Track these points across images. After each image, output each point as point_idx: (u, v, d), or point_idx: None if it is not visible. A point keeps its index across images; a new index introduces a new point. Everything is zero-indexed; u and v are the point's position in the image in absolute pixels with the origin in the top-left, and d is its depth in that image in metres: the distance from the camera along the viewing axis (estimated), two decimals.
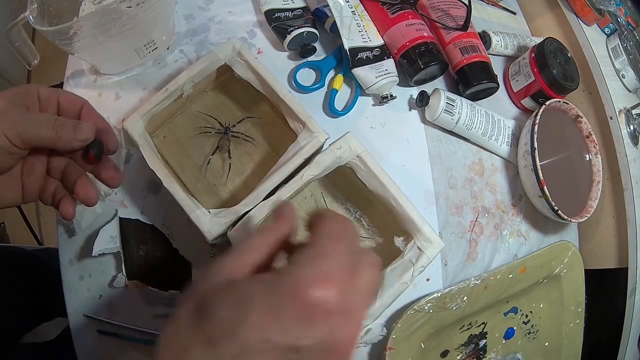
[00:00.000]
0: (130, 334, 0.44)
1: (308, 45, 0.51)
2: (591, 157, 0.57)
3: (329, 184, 0.47)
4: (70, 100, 0.34)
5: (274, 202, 0.39)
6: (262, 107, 0.49)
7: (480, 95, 0.56)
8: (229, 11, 0.53)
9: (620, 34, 0.62)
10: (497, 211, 0.54)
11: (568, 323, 0.56)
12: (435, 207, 0.51)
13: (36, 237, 1.19)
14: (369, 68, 0.50)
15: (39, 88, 0.33)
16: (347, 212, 0.47)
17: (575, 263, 0.56)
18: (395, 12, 0.52)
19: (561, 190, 0.51)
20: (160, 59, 0.50)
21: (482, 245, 0.52)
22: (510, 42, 0.61)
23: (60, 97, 0.34)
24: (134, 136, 0.40)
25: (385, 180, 0.40)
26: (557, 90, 0.55)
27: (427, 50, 0.50)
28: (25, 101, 0.32)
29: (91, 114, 0.35)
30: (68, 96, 0.35)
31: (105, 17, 0.39)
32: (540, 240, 0.56)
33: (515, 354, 0.54)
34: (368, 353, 0.47)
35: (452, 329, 0.50)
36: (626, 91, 0.61)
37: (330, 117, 0.51)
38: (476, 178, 0.54)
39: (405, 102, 0.54)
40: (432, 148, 0.53)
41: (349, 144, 0.40)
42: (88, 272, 0.45)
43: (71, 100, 0.34)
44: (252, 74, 0.43)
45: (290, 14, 0.50)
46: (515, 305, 0.54)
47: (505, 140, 0.55)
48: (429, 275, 0.49)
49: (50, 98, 0.34)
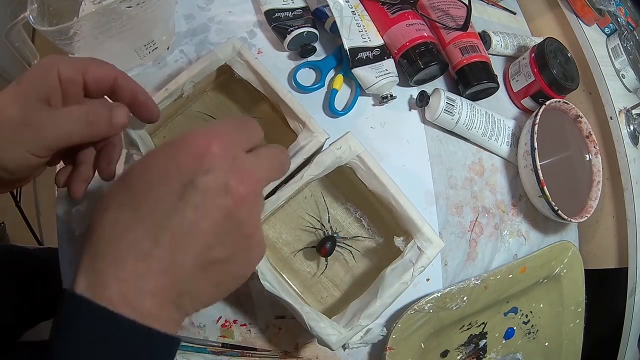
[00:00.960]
0: None
1: (308, 45, 0.51)
2: (591, 157, 0.57)
3: (329, 184, 0.47)
4: (98, 77, 0.31)
5: (273, 202, 0.39)
6: (262, 107, 0.49)
7: (480, 95, 0.56)
8: (229, 11, 0.53)
9: (620, 34, 0.62)
10: (497, 211, 0.54)
11: (568, 323, 0.56)
12: (435, 207, 0.51)
13: (36, 237, 1.19)
14: (369, 68, 0.50)
15: (59, 68, 0.29)
16: (347, 212, 0.47)
17: (575, 263, 0.56)
18: (395, 12, 0.52)
19: (561, 190, 0.51)
20: (160, 59, 0.50)
21: (482, 245, 0.52)
22: (510, 42, 0.61)
23: (87, 75, 0.30)
24: (134, 136, 0.40)
25: (385, 180, 0.40)
26: (557, 90, 0.55)
27: (427, 50, 0.50)
28: (46, 93, 0.29)
29: (127, 87, 0.31)
30: (96, 72, 0.30)
31: (105, 17, 0.39)
32: (540, 240, 0.56)
33: (515, 354, 0.54)
34: (368, 353, 0.47)
35: (452, 329, 0.50)
36: (626, 91, 0.61)
37: (330, 117, 0.51)
38: (476, 178, 0.54)
39: (405, 102, 0.54)
40: (432, 148, 0.53)
41: (349, 144, 0.40)
42: None
43: (100, 78, 0.31)
44: (252, 74, 0.43)
45: (290, 14, 0.50)
46: (515, 305, 0.54)
47: (505, 140, 0.55)
48: (429, 275, 0.49)
49: (75, 77, 0.30)
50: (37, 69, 0.29)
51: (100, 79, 0.31)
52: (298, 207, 0.46)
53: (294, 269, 0.45)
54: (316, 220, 0.46)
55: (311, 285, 0.45)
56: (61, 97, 0.30)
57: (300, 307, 0.37)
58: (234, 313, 0.45)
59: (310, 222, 0.46)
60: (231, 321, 0.45)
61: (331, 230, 0.46)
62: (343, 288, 0.46)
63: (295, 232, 0.46)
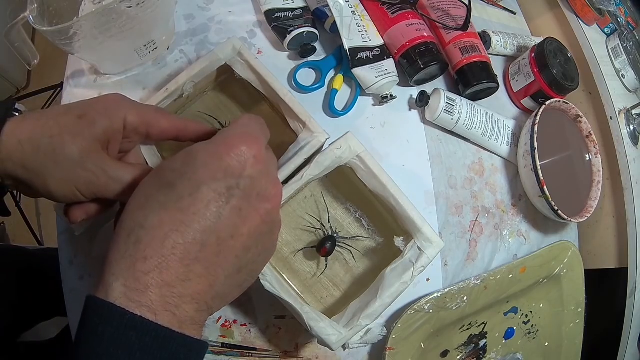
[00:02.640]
0: None
1: (308, 45, 0.51)
2: (591, 157, 0.57)
3: (329, 184, 0.47)
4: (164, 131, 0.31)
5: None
6: (262, 107, 0.49)
7: (480, 95, 0.56)
8: (229, 11, 0.53)
9: (620, 34, 0.62)
10: (497, 211, 0.54)
11: (568, 323, 0.56)
12: (435, 207, 0.51)
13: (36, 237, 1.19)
14: (369, 68, 0.50)
15: (127, 115, 0.29)
16: (347, 212, 0.47)
17: (575, 263, 0.56)
18: (395, 12, 0.52)
19: (561, 190, 0.51)
20: (160, 59, 0.50)
21: (482, 245, 0.52)
22: (510, 42, 0.61)
23: (152, 128, 0.30)
24: None
25: (385, 180, 0.40)
26: (557, 90, 0.55)
27: (427, 50, 0.50)
28: (108, 137, 0.29)
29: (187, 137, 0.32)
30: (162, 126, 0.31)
31: (105, 17, 0.39)
32: (540, 240, 0.56)
33: (515, 354, 0.54)
34: (368, 353, 0.47)
35: (452, 329, 0.50)
36: (626, 91, 0.61)
37: (330, 117, 0.51)
38: (476, 178, 0.54)
39: (405, 102, 0.54)
40: (432, 148, 0.53)
41: (349, 144, 0.40)
42: (88, 272, 0.45)
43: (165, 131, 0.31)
44: (252, 74, 0.43)
45: (290, 14, 0.50)
46: (515, 305, 0.54)
47: (505, 140, 0.55)
48: (429, 275, 0.49)
49: (140, 128, 0.30)
50: (104, 109, 0.29)
51: (165, 132, 0.31)
52: (298, 207, 0.46)
53: (294, 269, 0.45)
54: (316, 220, 0.46)
55: (311, 285, 0.45)
56: (120, 143, 0.30)
57: (300, 307, 0.37)
58: (234, 313, 0.45)
59: (310, 222, 0.46)
60: (231, 321, 0.45)
61: (331, 230, 0.46)
62: (343, 288, 0.46)
63: (295, 232, 0.46)
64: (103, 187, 0.28)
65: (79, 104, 0.29)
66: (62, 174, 0.27)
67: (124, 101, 0.30)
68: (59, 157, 0.27)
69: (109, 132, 0.28)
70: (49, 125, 0.27)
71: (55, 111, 0.28)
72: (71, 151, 0.27)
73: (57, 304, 0.45)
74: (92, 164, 0.27)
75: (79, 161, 0.27)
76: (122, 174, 0.28)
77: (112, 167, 0.28)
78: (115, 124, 0.29)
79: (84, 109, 0.28)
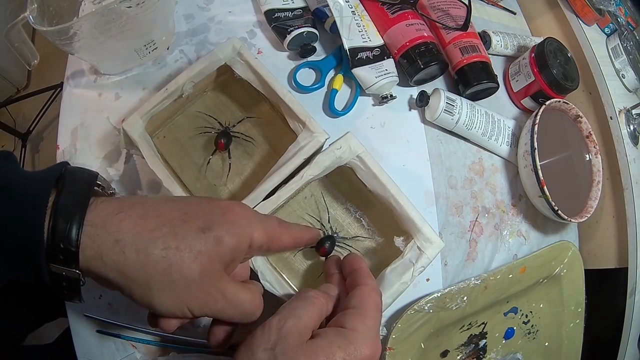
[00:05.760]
0: (130, 334, 0.44)
1: (308, 45, 0.51)
2: (591, 157, 0.57)
3: (329, 184, 0.47)
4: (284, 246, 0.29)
5: (273, 202, 0.39)
6: (262, 107, 0.49)
7: (480, 95, 0.56)
8: (229, 11, 0.53)
9: (620, 34, 0.61)
10: (497, 211, 0.54)
11: (568, 323, 0.56)
12: (435, 207, 0.51)
13: None
14: (369, 68, 0.50)
15: (253, 235, 0.26)
16: (347, 212, 0.47)
17: (575, 263, 0.56)
18: (395, 12, 0.52)
19: (561, 190, 0.51)
20: (160, 59, 0.50)
21: (482, 245, 0.52)
22: (510, 42, 0.61)
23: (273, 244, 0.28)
24: (133, 136, 0.40)
25: (385, 180, 0.40)
26: (557, 90, 0.55)
27: (427, 50, 0.50)
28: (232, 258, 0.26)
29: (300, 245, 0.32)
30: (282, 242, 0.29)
31: (105, 17, 0.39)
32: (540, 240, 0.56)
33: (515, 354, 0.54)
34: None
35: (452, 329, 0.50)
36: (626, 91, 0.61)
37: (330, 117, 0.51)
38: (476, 178, 0.54)
39: (405, 102, 0.54)
40: (432, 148, 0.53)
41: (349, 144, 0.40)
42: None
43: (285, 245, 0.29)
44: (252, 74, 0.43)
45: (290, 14, 0.50)
46: (515, 305, 0.54)
47: (505, 140, 0.55)
48: (429, 275, 0.49)
49: (263, 245, 0.27)
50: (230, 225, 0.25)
51: (285, 247, 0.30)
52: (298, 207, 0.46)
53: (294, 269, 0.45)
54: (316, 220, 0.46)
55: (311, 285, 0.45)
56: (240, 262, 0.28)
57: None
58: None
59: (310, 222, 0.46)
60: None
61: (331, 230, 0.46)
62: None
63: None
64: (218, 311, 0.25)
65: (197, 210, 0.25)
66: (174, 292, 0.24)
67: (252, 217, 0.27)
68: (174, 275, 0.23)
69: (235, 252, 0.25)
70: (163, 232, 0.23)
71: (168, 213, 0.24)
72: (191, 271, 0.23)
73: (57, 305, 0.45)
74: (213, 286, 0.24)
75: (198, 282, 0.24)
76: (241, 300, 0.26)
77: (231, 291, 0.25)
78: (242, 244, 0.26)
79: (207, 221, 0.25)
